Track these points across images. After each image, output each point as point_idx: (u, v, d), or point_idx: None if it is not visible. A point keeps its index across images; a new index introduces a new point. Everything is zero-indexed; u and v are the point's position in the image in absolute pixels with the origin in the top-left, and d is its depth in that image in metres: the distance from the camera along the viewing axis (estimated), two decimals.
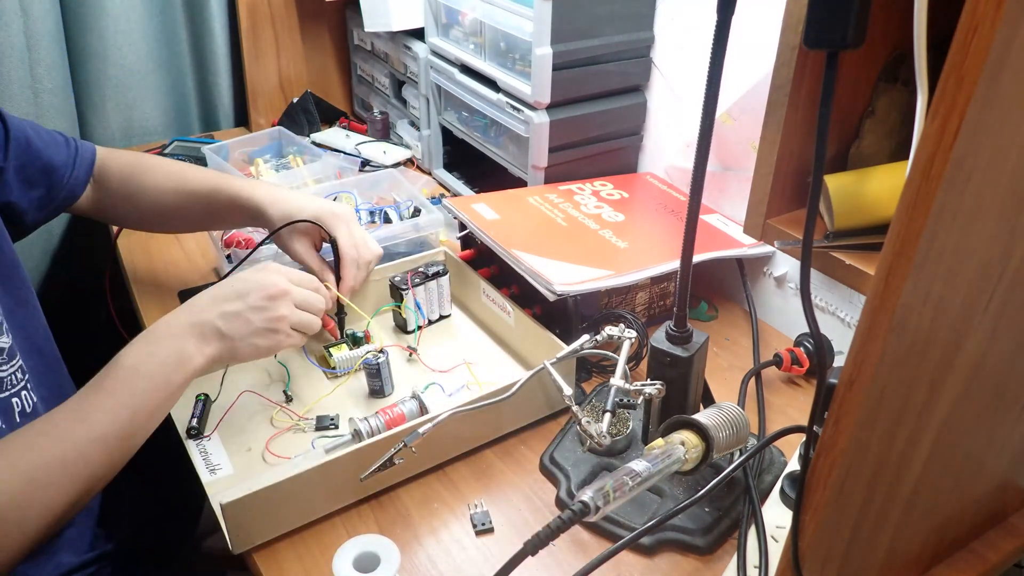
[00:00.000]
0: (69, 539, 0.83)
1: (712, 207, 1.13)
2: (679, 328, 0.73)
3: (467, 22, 1.20)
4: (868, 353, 0.43)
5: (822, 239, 0.71)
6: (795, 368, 0.91)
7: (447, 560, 0.71)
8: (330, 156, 1.35)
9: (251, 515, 0.69)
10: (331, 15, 1.57)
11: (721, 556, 0.72)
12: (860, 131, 0.72)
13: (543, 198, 1.10)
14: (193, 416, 0.84)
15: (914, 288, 0.41)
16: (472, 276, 1.01)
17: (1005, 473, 0.69)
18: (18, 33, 1.22)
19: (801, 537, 0.52)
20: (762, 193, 0.72)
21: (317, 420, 0.85)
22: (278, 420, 0.86)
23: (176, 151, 1.39)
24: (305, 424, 0.85)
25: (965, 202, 0.39)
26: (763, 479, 0.77)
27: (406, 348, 0.96)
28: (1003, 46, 0.34)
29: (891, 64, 0.70)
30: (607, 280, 0.91)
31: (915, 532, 0.63)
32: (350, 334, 0.95)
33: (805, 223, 0.49)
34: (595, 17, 1.07)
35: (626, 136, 1.20)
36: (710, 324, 1.05)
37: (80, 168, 0.94)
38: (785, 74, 0.65)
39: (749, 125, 1.02)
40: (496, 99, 1.15)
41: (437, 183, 1.37)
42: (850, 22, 0.46)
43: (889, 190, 0.69)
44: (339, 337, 0.95)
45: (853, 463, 0.48)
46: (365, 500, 0.77)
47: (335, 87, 1.65)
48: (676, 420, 0.67)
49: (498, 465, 0.81)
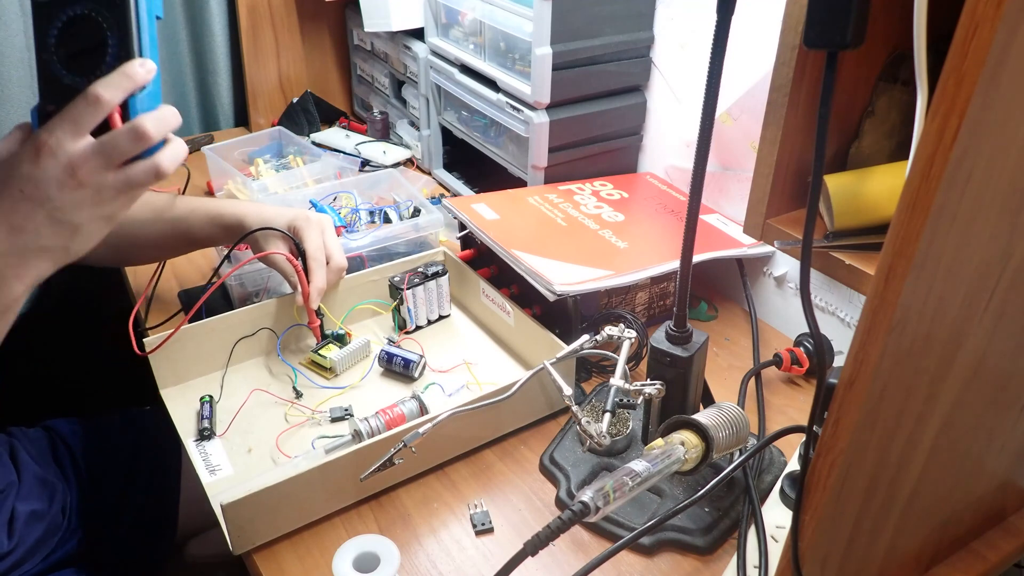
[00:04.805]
0: (34, 545, 0.84)
1: (712, 207, 1.13)
2: (679, 328, 0.73)
3: (467, 22, 1.20)
4: (868, 353, 0.43)
5: (822, 239, 0.71)
6: (795, 368, 0.91)
7: (447, 560, 0.71)
8: (330, 156, 1.35)
9: (251, 515, 0.69)
10: (331, 15, 1.57)
11: (721, 556, 0.72)
12: (860, 131, 0.72)
13: (543, 198, 1.10)
14: (203, 418, 0.84)
15: (914, 288, 0.41)
16: (472, 276, 1.01)
17: (1005, 473, 0.69)
18: (18, 33, 1.22)
19: (801, 537, 0.52)
20: (762, 193, 0.72)
21: (331, 412, 0.86)
22: (292, 416, 0.86)
23: None
24: (320, 417, 0.86)
25: (965, 202, 0.39)
26: (763, 479, 0.77)
27: (396, 342, 0.97)
28: (1003, 46, 0.34)
29: (891, 64, 0.70)
30: (607, 280, 0.91)
31: (915, 532, 0.63)
32: (331, 334, 0.95)
33: (805, 223, 0.49)
34: (595, 17, 1.07)
35: (626, 136, 1.20)
36: (710, 324, 1.05)
37: None
38: (785, 74, 0.65)
39: (749, 125, 1.02)
40: (496, 99, 1.15)
41: (437, 183, 1.37)
42: (850, 22, 0.46)
43: (889, 190, 0.69)
44: (320, 339, 0.94)
45: (853, 463, 0.48)
46: (365, 500, 0.77)
47: (335, 87, 1.65)
48: (676, 420, 0.67)
49: (498, 465, 0.81)
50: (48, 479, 0.95)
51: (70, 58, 0.60)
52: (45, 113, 0.60)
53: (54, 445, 1.01)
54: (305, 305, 0.90)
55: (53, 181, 0.58)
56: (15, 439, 0.98)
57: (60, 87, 0.60)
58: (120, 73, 0.59)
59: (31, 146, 0.58)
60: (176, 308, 0.97)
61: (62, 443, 1.01)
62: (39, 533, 0.90)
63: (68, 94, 0.59)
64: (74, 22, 0.61)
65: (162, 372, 0.89)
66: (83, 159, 0.58)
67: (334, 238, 0.93)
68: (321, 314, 0.93)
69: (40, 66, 0.61)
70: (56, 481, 0.96)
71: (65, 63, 0.60)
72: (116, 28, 0.60)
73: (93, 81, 0.59)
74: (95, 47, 0.60)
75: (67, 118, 0.58)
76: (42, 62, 0.61)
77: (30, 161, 0.58)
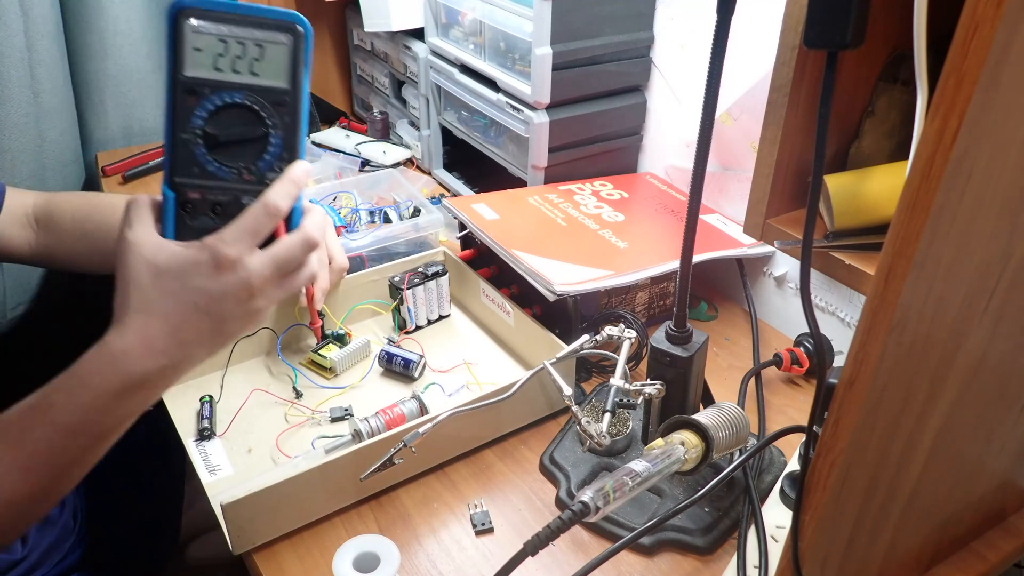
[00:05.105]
0: (47, 551, 0.84)
1: (712, 207, 1.13)
2: (679, 328, 0.73)
3: (467, 22, 1.20)
4: (868, 353, 0.43)
5: (822, 239, 0.71)
6: (795, 368, 0.91)
7: (447, 560, 0.71)
8: (330, 156, 1.34)
9: (251, 515, 0.69)
10: (331, 15, 1.57)
11: (721, 556, 0.72)
12: (860, 131, 0.72)
13: (543, 198, 1.10)
14: (203, 418, 0.84)
15: (914, 288, 0.41)
16: (472, 276, 1.01)
17: (1005, 473, 0.69)
18: (18, 33, 1.22)
19: (801, 537, 0.52)
20: (762, 193, 0.72)
21: (331, 412, 0.86)
22: (292, 416, 0.86)
23: None
24: (320, 417, 0.86)
25: (965, 202, 0.39)
26: (763, 479, 0.77)
27: (396, 342, 0.97)
28: (1003, 46, 0.34)
29: (891, 64, 0.70)
30: (607, 280, 0.91)
31: (915, 532, 0.63)
32: (331, 334, 0.95)
33: (805, 223, 0.49)
34: (595, 17, 1.06)
35: (626, 136, 1.20)
36: (710, 324, 1.05)
37: None
38: (785, 74, 0.65)
39: (749, 125, 1.02)
40: (496, 99, 1.15)
41: (437, 183, 1.37)
42: (850, 22, 0.46)
43: (889, 190, 0.69)
44: (321, 339, 0.94)
45: (853, 463, 0.48)
46: (365, 500, 0.77)
47: (335, 87, 1.65)
48: (676, 420, 0.67)
49: (498, 465, 0.81)
50: None
51: (218, 145, 0.57)
52: (186, 200, 0.57)
53: None
54: (309, 306, 0.90)
55: (231, 297, 0.57)
56: None
57: (202, 172, 0.58)
58: (289, 180, 0.58)
59: (209, 258, 0.56)
60: None
61: None
62: (52, 539, 0.89)
63: (210, 182, 0.57)
64: (229, 109, 0.57)
65: None
66: (261, 275, 0.57)
67: (335, 238, 0.93)
68: (322, 314, 0.94)
69: (176, 144, 0.57)
70: None
71: (211, 149, 0.57)
72: (282, 126, 0.58)
73: (242, 174, 0.57)
74: (252, 140, 0.58)
75: (246, 230, 0.57)
76: (181, 142, 0.57)
77: (209, 275, 0.56)
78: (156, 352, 0.57)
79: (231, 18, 0.56)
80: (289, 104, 0.58)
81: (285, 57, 0.57)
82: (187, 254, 0.57)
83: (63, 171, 1.37)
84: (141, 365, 0.56)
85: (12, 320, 1.34)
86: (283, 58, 0.57)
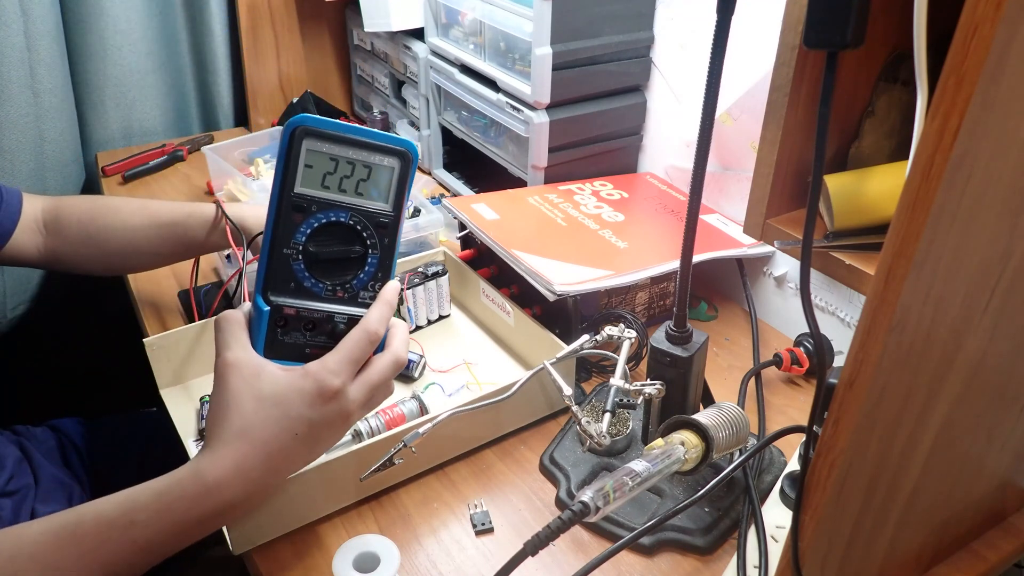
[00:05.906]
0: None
1: (712, 207, 1.13)
2: (679, 328, 0.73)
3: (467, 22, 1.20)
4: (868, 353, 0.43)
5: (822, 239, 0.71)
6: (795, 368, 0.91)
7: (447, 560, 0.71)
8: None
9: (251, 515, 0.69)
10: (331, 15, 1.57)
11: (721, 556, 0.72)
12: (860, 131, 0.72)
13: (543, 198, 1.10)
14: (203, 418, 0.84)
15: (914, 288, 0.41)
16: (472, 276, 1.01)
17: (1005, 473, 0.69)
18: (18, 33, 1.22)
19: (801, 537, 0.52)
20: (762, 193, 0.72)
21: None
22: None
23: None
24: None
25: (965, 202, 0.39)
26: (763, 479, 0.77)
27: None
28: (1003, 46, 0.34)
29: (891, 64, 0.70)
30: (607, 280, 0.91)
31: (915, 532, 0.63)
32: None
33: (805, 223, 0.49)
34: (595, 17, 1.07)
35: (626, 136, 1.20)
36: (710, 324, 1.05)
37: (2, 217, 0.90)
38: (785, 74, 0.65)
39: (749, 125, 1.02)
40: (496, 99, 1.15)
41: (437, 183, 1.37)
42: (850, 22, 0.46)
43: (889, 190, 0.69)
44: None
45: (853, 463, 0.48)
46: (365, 500, 0.77)
47: (335, 87, 1.65)
48: (676, 420, 0.67)
49: (498, 465, 0.81)
50: (65, 481, 0.95)
51: (318, 262, 0.58)
52: (280, 315, 0.58)
53: (62, 445, 1.01)
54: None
55: (329, 425, 0.57)
56: (23, 438, 0.98)
57: (298, 288, 0.58)
58: (385, 302, 0.59)
59: (313, 386, 0.56)
60: (176, 308, 0.97)
61: (70, 443, 1.01)
62: None
63: (305, 299, 0.58)
64: (332, 227, 0.58)
65: (162, 372, 0.89)
66: (357, 401, 0.58)
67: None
68: None
69: (275, 257, 0.57)
70: (72, 483, 0.95)
71: (309, 265, 0.58)
72: (380, 248, 0.59)
73: (336, 291, 0.58)
74: (350, 259, 0.58)
75: (349, 359, 0.57)
76: (281, 256, 0.57)
77: (311, 404, 0.56)
78: (249, 481, 0.56)
79: (346, 139, 0.56)
80: (390, 226, 0.59)
81: (392, 180, 0.58)
82: (291, 381, 0.56)
83: (63, 171, 1.38)
84: (232, 494, 0.56)
85: (12, 320, 1.34)
86: (389, 181, 0.58)
